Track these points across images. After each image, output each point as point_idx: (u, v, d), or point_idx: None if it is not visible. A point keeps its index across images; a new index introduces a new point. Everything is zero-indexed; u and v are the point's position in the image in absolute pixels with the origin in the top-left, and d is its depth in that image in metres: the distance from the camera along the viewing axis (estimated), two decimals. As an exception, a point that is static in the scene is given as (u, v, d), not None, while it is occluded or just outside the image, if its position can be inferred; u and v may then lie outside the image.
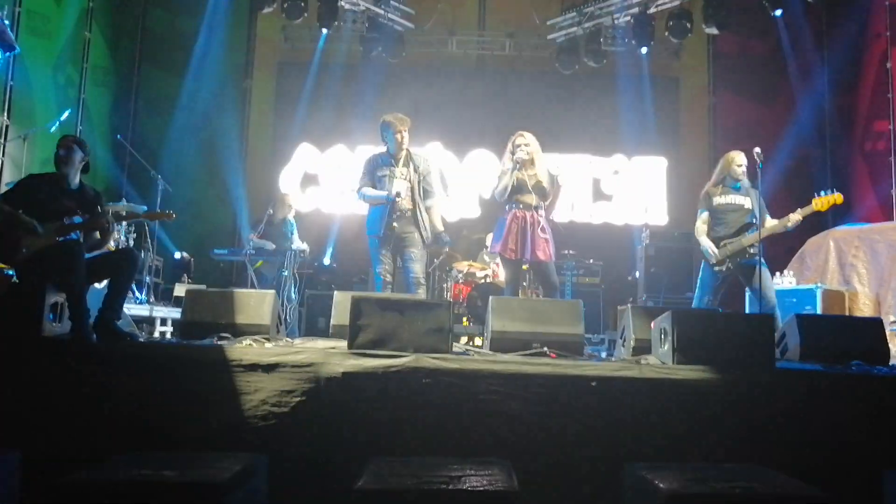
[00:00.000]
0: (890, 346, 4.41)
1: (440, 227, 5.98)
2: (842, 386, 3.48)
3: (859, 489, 3.06)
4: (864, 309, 6.90)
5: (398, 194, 5.68)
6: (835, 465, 3.23)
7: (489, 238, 9.18)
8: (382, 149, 6.01)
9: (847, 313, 6.91)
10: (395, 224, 5.71)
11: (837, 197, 5.61)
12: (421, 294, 5.67)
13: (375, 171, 5.90)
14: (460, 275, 8.48)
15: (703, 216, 6.01)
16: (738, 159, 5.96)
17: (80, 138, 4.90)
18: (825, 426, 3.35)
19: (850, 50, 9.35)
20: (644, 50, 10.08)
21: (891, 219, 8.06)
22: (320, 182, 10.48)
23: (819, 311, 6.68)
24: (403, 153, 5.90)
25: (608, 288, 9.21)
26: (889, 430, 3.31)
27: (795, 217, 5.67)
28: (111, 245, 5.62)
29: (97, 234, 4.48)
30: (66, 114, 7.29)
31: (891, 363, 4.26)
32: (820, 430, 3.34)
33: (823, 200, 5.63)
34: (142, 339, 4.65)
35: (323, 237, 9.94)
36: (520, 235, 5.65)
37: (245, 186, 9.77)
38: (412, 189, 5.81)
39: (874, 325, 4.39)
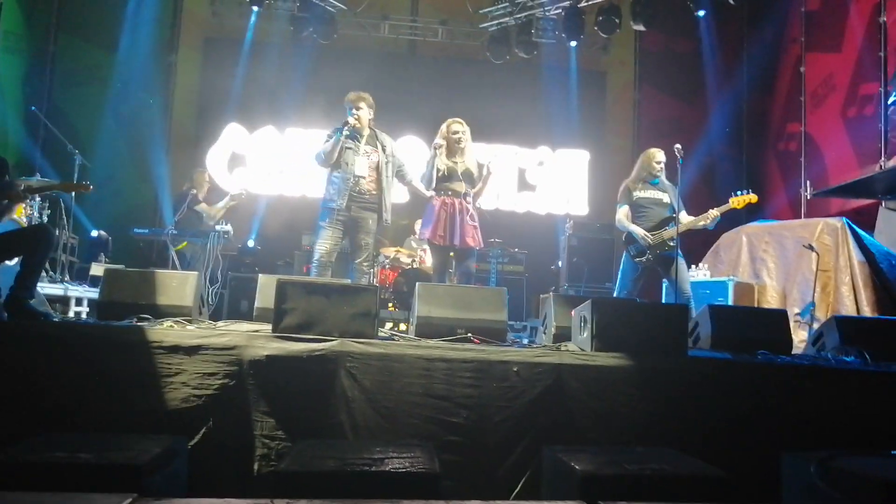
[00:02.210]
0: (793, 336, 4.66)
1: (427, 193, 5.99)
2: (748, 373, 3.65)
3: (761, 470, 3.23)
4: (772, 301, 7.23)
5: (351, 128, 5.66)
6: (740, 447, 3.40)
7: (417, 224, 9.24)
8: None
9: (756, 305, 7.22)
10: (353, 204, 5.68)
11: (752, 197, 5.95)
12: (363, 283, 5.66)
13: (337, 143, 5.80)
14: (387, 260, 8.50)
15: (624, 209, 6.22)
16: (658, 156, 6.22)
17: None
18: (732, 411, 3.51)
19: (768, 53, 9.74)
20: (573, 43, 10.28)
21: (800, 216, 8.45)
22: (248, 163, 10.32)
23: (731, 303, 6.97)
24: (367, 131, 5.87)
25: (531, 276, 9.40)
26: (789, 416, 3.51)
27: (714, 214, 5.96)
28: (24, 221, 5.42)
29: (4, 202, 4.31)
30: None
31: (793, 352, 4.51)
32: (727, 414, 3.50)
33: (740, 199, 5.96)
34: (56, 319, 4.51)
35: (248, 219, 9.81)
36: (448, 222, 5.73)
37: (168, 165, 9.52)
38: (377, 170, 5.79)
39: (780, 317, 4.62)
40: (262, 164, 10.37)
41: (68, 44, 9.61)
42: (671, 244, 5.93)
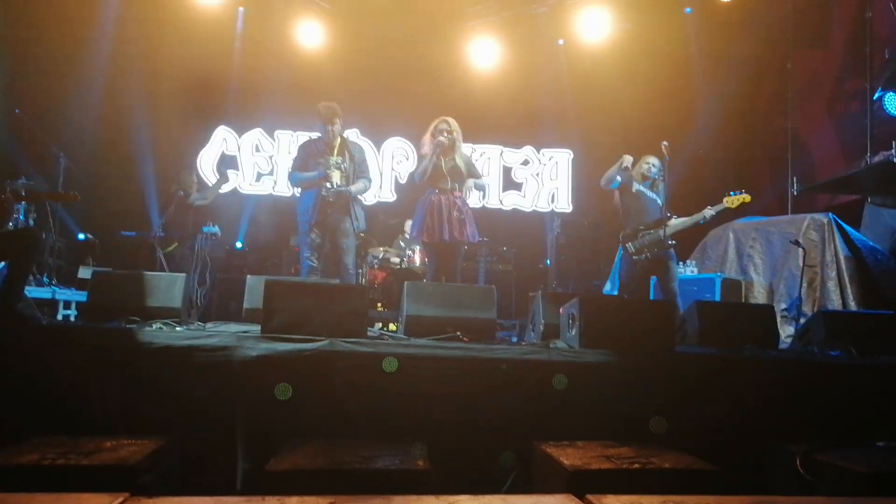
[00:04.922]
0: (780, 331, 4.71)
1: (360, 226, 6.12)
2: (735, 368, 3.68)
3: (747, 462, 3.26)
4: (759, 297, 7.27)
5: (332, 182, 5.76)
6: (727, 440, 3.42)
7: (406, 224, 9.28)
8: (317, 134, 6.11)
9: (744, 301, 7.27)
10: (327, 212, 5.77)
11: (746, 197, 6.10)
12: (350, 283, 5.76)
13: (309, 158, 5.98)
14: (376, 260, 8.51)
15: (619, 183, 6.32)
16: (649, 159, 6.31)
17: None
18: (720, 405, 3.53)
19: (754, 50, 9.76)
20: (561, 41, 10.35)
21: (787, 212, 8.50)
22: (237, 165, 10.31)
23: (718, 299, 7.01)
24: (338, 141, 5.97)
25: (520, 275, 9.43)
26: (776, 409, 3.54)
27: (709, 213, 6.11)
28: (9, 225, 5.39)
29: None
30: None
31: (780, 347, 4.56)
32: (715, 408, 3.52)
33: (734, 199, 6.10)
34: (45, 322, 4.49)
35: (236, 221, 9.79)
36: (436, 218, 5.76)
37: (154, 166, 9.46)
38: (346, 178, 5.88)
39: (766, 312, 4.68)
40: (251, 165, 10.37)
41: (53, 45, 9.42)
42: (669, 243, 6.03)
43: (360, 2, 10.19)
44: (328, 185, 5.77)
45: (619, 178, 6.26)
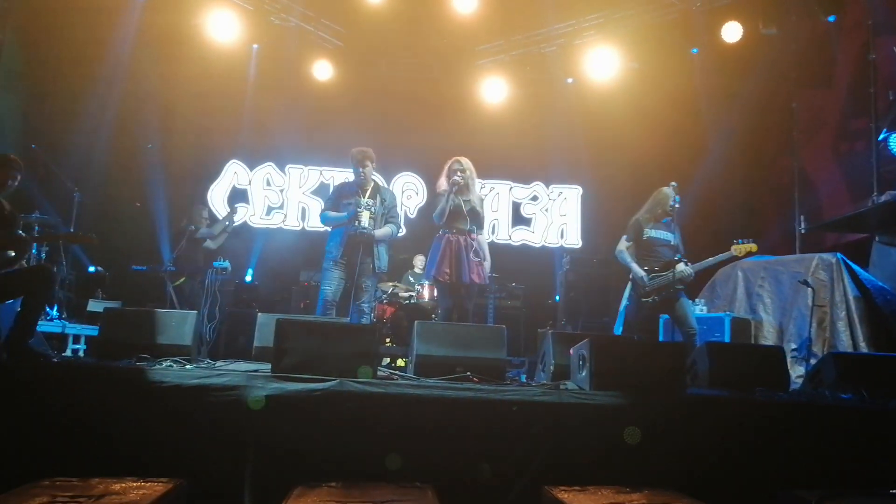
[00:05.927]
0: (790, 371, 4.69)
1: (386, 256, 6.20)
2: (747, 411, 3.67)
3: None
4: (769, 336, 7.24)
5: (360, 221, 5.86)
6: (739, 486, 3.40)
7: (416, 259, 9.29)
8: (352, 176, 6.24)
9: (753, 341, 7.23)
10: (353, 251, 5.88)
11: (753, 246, 6.14)
12: (363, 323, 5.77)
13: (341, 199, 6.11)
14: (384, 295, 8.52)
15: (629, 244, 6.28)
16: (674, 194, 6.22)
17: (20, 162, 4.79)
18: (732, 449, 3.52)
19: (760, 90, 9.83)
20: (570, 80, 10.44)
21: (794, 251, 8.50)
22: (248, 199, 10.38)
23: (728, 339, 6.98)
24: (371, 185, 6.13)
25: (529, 311, 9.40)
26: (786, 452, 3.51)
27: (721, 260, 6.16)
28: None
29: (10, 253, 4.35)
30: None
31: (791, 388, 4.53)
32: (727, 452, 3.51)
33: (741, 248, 6.17)
34: (56, 360, 4.50)
35: (246, 254, 9.81)
36: (454, 259, 5.77)
37: (166, 200, 9.52)
38: (374, 220, 5.95)
39: (776, 354, 4.66)
40: (262, 199, 10.46)
41: (68, 80, 9.48)
42: (678, 287, 6.00)
43: (372, 40, 10.32)
44: (356, 223, 5.86)
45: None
